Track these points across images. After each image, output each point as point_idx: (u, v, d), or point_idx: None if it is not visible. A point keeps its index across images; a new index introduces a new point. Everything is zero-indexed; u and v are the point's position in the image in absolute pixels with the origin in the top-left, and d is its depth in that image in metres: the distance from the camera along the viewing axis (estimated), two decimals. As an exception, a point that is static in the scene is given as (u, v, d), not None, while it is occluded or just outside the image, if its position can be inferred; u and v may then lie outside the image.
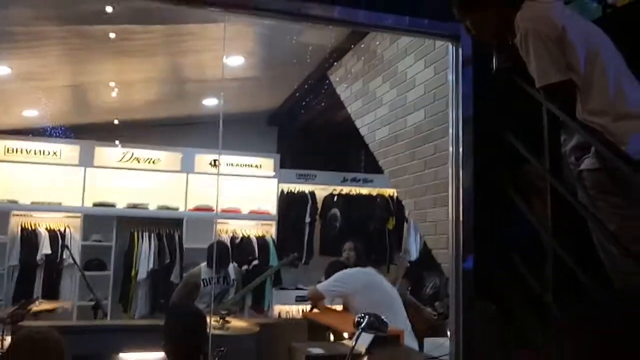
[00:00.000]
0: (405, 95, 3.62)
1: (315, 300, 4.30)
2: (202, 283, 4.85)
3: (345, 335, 3.47)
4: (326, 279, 4.27)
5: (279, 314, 6.93)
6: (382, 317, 2.78)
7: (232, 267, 5.16)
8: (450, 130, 2.82)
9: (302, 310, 6.60)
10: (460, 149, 2.75)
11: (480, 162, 2.73)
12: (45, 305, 4.53)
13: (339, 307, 4.49)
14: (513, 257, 2.64)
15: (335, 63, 4.98)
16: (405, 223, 7.30)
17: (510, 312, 2.66)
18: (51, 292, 5.97)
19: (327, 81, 5.30)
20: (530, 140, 2.67)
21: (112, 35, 3.95)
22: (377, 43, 4.11)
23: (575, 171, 2.22)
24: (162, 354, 2.53)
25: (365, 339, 2.90)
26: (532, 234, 2.57)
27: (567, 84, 2.05)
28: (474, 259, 2.68)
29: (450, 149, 2.81)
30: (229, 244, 6.59)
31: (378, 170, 4.41)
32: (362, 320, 2.73)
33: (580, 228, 2.29)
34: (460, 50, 2.79)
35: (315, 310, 4.37)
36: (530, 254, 2.60)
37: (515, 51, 2.20)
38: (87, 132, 6.49)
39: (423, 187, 3.36)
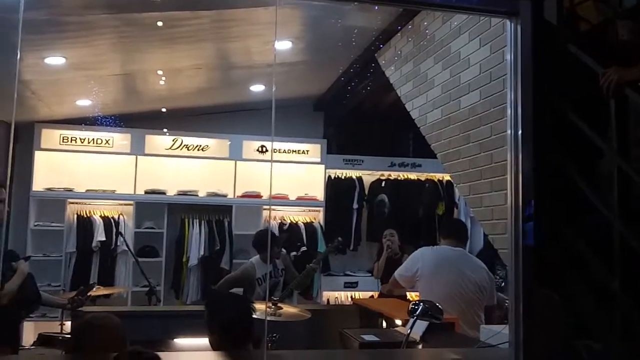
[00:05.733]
0: (459, 75, 3.50)
1: (395, 286, 3.97)
2: (256, 282, 4.72)
3: (398, 322, 3.41)
4: None
5: (328, 300, 6.92)
6: (437, 304, 2.73)
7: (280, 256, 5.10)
8: (509, 112, 2.68)
9: (351, 297, 6.57)
10: (520, 131, 2.62)
11: (541, 144, 2.60)
12: (102, 290, 4.66)
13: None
14: (577, 243, 2.52)
15: (382, 45, 4.87)
16: (455, 208, 7.17)
17: (574, 301, 2.55)
18: (106, 278, 6.14)
19: (374, 64, 5.19)
20: (595, 121, 2.53)
21: (159, 23, 3.96)
22: (426, 23, 3.98)
23: None
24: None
25: (420, 326, 2.85)
26: (598, 219, 2.45)
27: None
28: (534, 246, 2.57)
29: (509, 131, 2.68)
30: (277, 230, 6.61)
31: (427, 154, 4.30)
32: (416, 307, 2.69)
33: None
34: (519, 27, 2.65)
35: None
36: (596, 240, 2.48)
37: None
38: (138, 120, 6.60)
39: (478, 170, 3.25)
